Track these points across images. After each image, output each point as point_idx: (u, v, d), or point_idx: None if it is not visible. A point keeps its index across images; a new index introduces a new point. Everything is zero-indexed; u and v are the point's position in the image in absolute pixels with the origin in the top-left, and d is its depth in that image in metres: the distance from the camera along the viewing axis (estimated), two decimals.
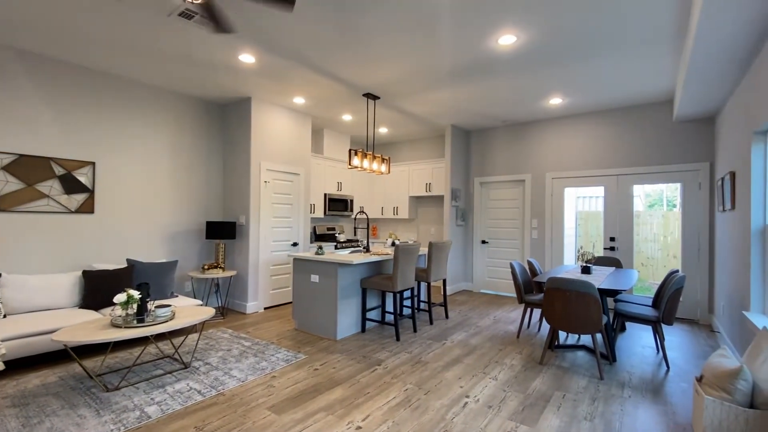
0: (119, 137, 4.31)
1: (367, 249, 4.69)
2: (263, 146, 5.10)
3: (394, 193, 7.33)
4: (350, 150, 4.56)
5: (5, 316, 3.26)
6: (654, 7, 2.79)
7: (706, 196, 4.69)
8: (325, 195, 6.41)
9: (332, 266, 3.98)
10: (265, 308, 5.21)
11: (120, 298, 2.83)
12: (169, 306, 3.07)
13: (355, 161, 4.63)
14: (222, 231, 4.85)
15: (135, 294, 2.86)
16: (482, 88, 4.56)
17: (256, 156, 5.01)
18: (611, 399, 2.71)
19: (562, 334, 4.21)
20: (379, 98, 4.98)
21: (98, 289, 3.72)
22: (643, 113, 5.10)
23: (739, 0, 2.16)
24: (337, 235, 6.21)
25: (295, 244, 5.57)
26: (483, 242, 6.58)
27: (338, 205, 6.61)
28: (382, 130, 6.80)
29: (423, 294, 5.77)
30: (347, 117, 5.87)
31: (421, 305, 5.32)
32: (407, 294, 5.01)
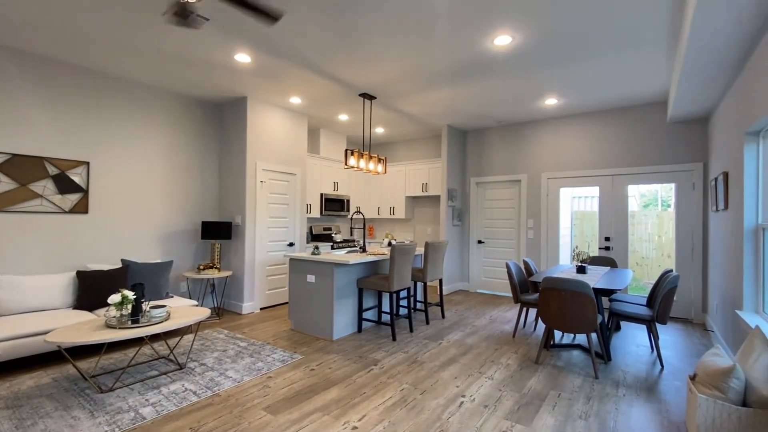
0: (114, 137, 4.28)
1: (364, 249, 4.69)
2: (259, 146, 5.09)
3: (391, 193, 7.33)
4: (346, 150, 4.55)
5: None
6: (648, 9, 2.81)
7: (700, 196, 4.73)
8: (322, 195, 6.40)
9: (328, 266, 3.97)
10: (261, 309, 5.19)
11: (114, 299, 2.81)
12: (164, 306, 3.06)
13: (352, 161, 4.63)
14: (218, 231, 4.83)
15: (129, 294, 2.85)
16: (478, 89, 4.57)
17: (252, 156, 5.00)
18: (606, 398, 2.73)
19: (558, 334, 4.23)
20: (376, 98, 4.98)
21: (92, 290, 3.70)
22: (638, 114, 5.13)
23: (732, 2, 2.19)
24: (334, 235, 6.21)
25: (292, 245, 5.56)
26: (479, 242, 6.60)
27: (335, 205, 6.60)
28: (379, 130, 6.80)
29: (419, 294, 5.77)
30: (344, 117, 5.86)
31: (418, 305, 5.33)
32: (404, 294, 5.01)
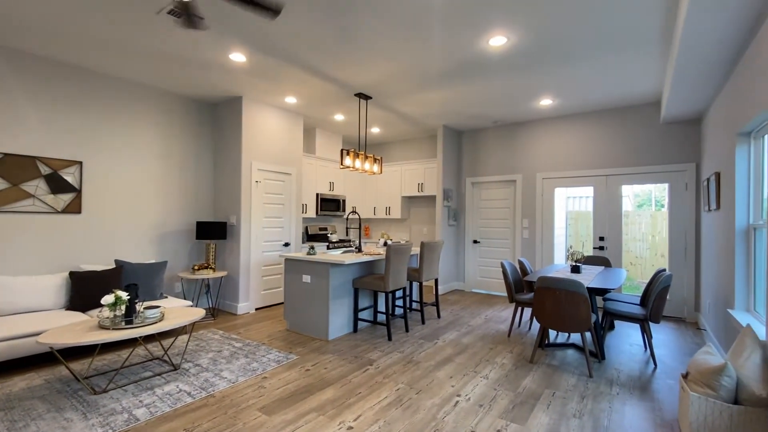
0: (107, 136, 4.25)
1: (359, 249, 4.68)
2: (254, 146, 5.07)
3: (387, 193, 7.33)
4: (342, 150, 4.55)
5: None
6: (641, 11, 2.83)
7: (693, 197, 4.78)
8: (317, 195, 6.39)
9: (324, 266, 3.97)
10: (257, 309, 5.17)
11: (108, 300, 2.79)
12: (159, 307, 3.04)
13: (347, 161, 4.62)
14: (212, 231, 4.81)
15: (123, 295, 2.83)
16: (474, 89, 4.59)
17: (247, 155, 4.98)
18: (600, 396, 2.74)
19: (552, 333, 4.26)
20: (371, 98, 4.98)
21: (85, 291, 3.67)
22: (632, 115, 5.17)
23: (723, 4, 2.21)
24: (329, 235, 6.19)
25: (287, 245, 5.55)
26: (475, 242, 6.62)
27: (330, 205, 6.60)
28: (375, 130, 6.80)
29: (415, 294, 5.78)
30: (339, 117, 5.86)
31: (413, 305, 5.33)
32: (399, 294, 5.02)
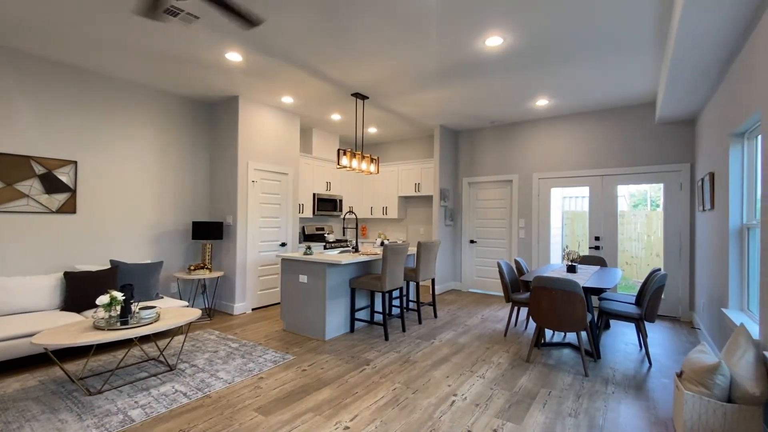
0: (103, 136, 4.22)
1: (356, 249, 4.68)
2: (251, 145, 5.05)
3: (383, 193, 7.34)
4: (339, 150, 4.55)
5: None
6: (636, 12, 2.85)
7: (687, 197, 4.81)
8: (314, 195, 6.38)
9: (321, 266, 3.96)
10: (253, 309, 5.16)
11: (103, 300, 2.77)
12: (154, 307, 3.03)
13: (344, 161, 4.62)
14: (209, 231, 4.79)
15: (118, 295, 2.81)
16: (470, 89, 4.59)
17: (244, 155, 4.96)
18: (595, 395, 2.76)
19: (548, 332, 4.27)
20: (368, 98, 4.98)
21: (80, 291, 3.64)
22: (627, 115, 5.20)
23: (717, 6, 2.23)
24: (326, 235, 6.18)
25: (284, 245, 5.54)
26: (471, 242, 6.63)
27: (327, 205, 6.59)
28: (371, 130, 6.80)
29: (412, 294, 5.78)
30: (336, 117, 5.85)
31: (410, 305, 5.34)
32: (396, 294, 5.02)
